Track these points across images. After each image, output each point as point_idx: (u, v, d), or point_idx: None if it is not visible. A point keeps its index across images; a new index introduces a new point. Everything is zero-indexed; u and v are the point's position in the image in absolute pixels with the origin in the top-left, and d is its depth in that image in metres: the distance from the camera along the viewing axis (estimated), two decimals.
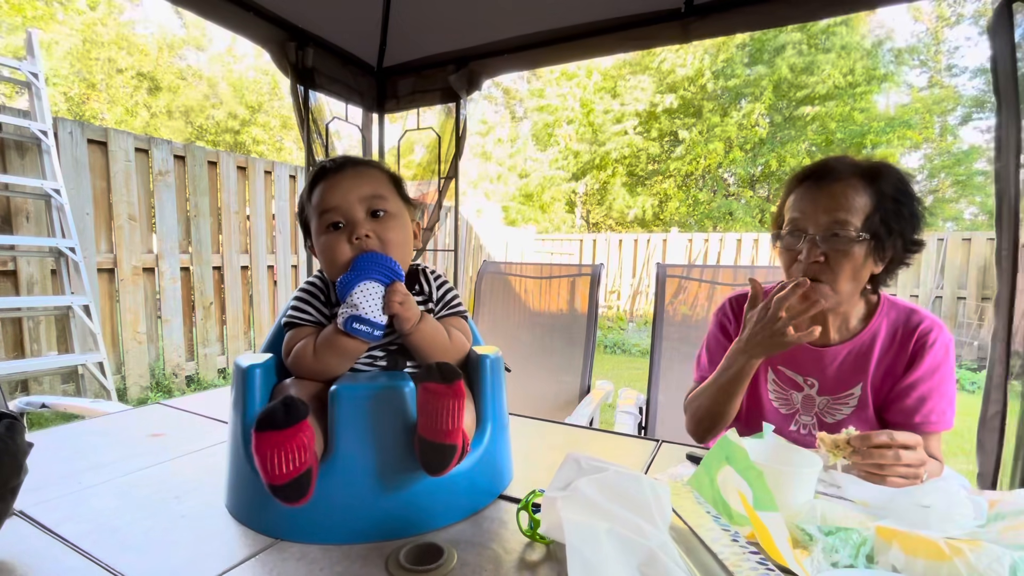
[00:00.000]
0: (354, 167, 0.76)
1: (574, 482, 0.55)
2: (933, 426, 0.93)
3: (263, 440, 0.54)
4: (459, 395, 0.58)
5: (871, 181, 0.91)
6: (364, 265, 0.69)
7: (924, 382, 0.94)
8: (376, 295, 0.67)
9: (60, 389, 3.23)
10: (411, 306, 0.70)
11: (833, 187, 0.92)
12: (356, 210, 0.73)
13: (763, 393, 1.08)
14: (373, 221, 0.73)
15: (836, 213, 0.90)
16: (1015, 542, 0.54)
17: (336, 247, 0.72)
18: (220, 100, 11.23)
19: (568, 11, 1.64)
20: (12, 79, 3.19)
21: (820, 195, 0.93)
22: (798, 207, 0.95)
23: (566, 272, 2.23)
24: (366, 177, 0.76)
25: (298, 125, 1.83)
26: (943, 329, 0.96)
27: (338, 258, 0.72)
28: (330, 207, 0.73)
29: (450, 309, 0.80)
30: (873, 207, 0.90)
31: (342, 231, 0.73)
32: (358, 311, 0.66)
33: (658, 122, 11.79)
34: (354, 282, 0.67)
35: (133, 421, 1.06)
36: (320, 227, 0.74)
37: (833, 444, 0.76)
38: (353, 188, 0.73)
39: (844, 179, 0.91)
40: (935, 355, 0.95)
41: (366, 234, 0.72)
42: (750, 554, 0.50)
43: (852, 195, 0.90)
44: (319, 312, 0.76)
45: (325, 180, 0.75)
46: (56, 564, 0.57)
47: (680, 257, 7.62)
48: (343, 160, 0.77)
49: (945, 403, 0.94)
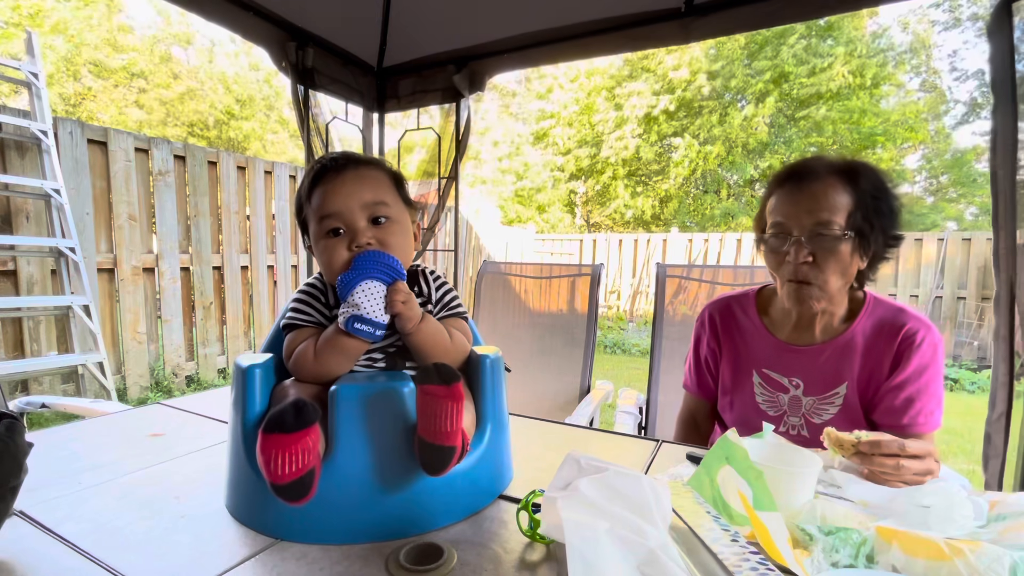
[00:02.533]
0: (355, 168, 0.73)
1: (574, 482, 0.55)
2: (921, 427, 0.93)
3: (269, 442, 0.54)
4: (458, 397, 0.58)
5: (850, 179, 0.92)
6: (365, 264, 0.67)
7: (911, 383, 0.94)
8: (378, 294, 0.66)
9: (60, 389, 3.23)
10: (414, 305, 0.69)
11: (813, 187, 0.93)
12: (357, 217, 0.71)
13: (751, 396, 1.09)
14: (374, 227, 0.72)
15: (819, 213, 0.91)
16: (1015, 543, 0.54)
17: (336, 254, 0.71)
18: (211, 95, 11.20)
19: (568, 10, 1.64)
20: (12, 79, 3.18)
21: (801, 196, 0.93)
22: (780, 210, 0.96)
23: (566, 272, 2.23)
24: (368, 181, 0.73)
25: (298, 125, 1.83)
26: (931, 329, 0.96)
27: (337, 265, 0.71)
28: (330, 213, 0.71)
29: (450, 310, 0.79)
30: (854, 205, 0.91)
31: (342, 237, 0.71)
32: (359, 311, 0.65)
33: (657, 124, 11.80)
34: (355, 281, 0.66)
35: (133, 421, 1.06)
36: (319, 231, 0.72)
37: (837, 442, 0.76)
38: (354, 193, 0.71)
39: (823, 179, 0.92)
40: (922, 355, 0.94)
41: (367, 242, 0.71)
42: (750, 554, 0.50)
43: (833, 194, 0.91)
44: (319, 313, 0.75)
45: (325, 182, 0.72)
46: (56, 564, 0.57)
47: (680, 257, 7.62)
48: (344, 159, 0.74)
49: (933, 404, 0.94)
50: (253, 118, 11.83)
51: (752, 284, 1.86)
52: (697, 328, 1.20)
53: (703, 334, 1.18)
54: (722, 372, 1.15)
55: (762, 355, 1.08)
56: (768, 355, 1.07)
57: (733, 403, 1.12)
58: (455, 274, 4.08)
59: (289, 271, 4.66)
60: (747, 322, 1.12)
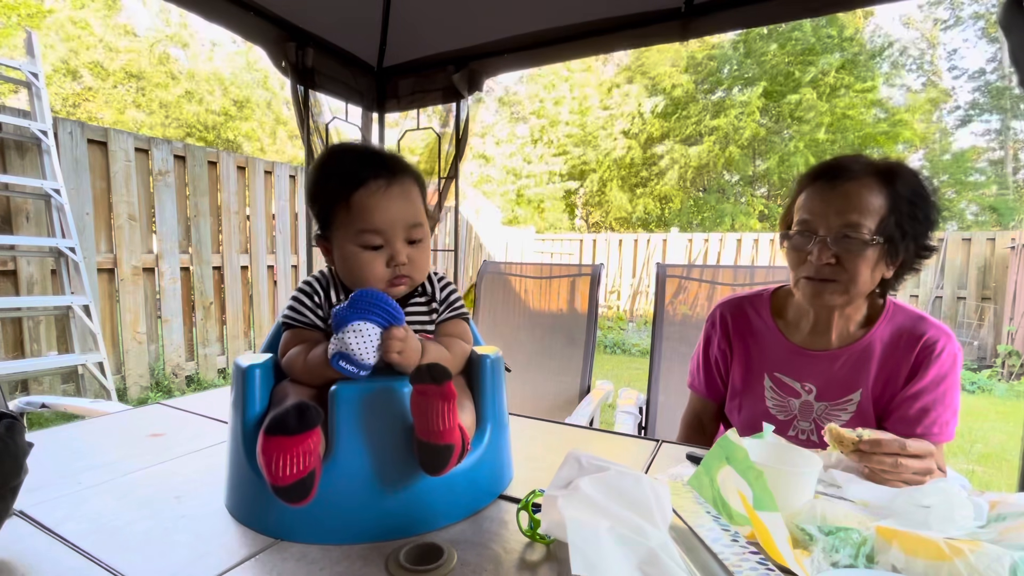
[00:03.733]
0: (401, 184, 0.72)
1: (575, 480, 0.55)
2: (934, 437, 0.91)
3: (271, 444, 0.54)
4: (449, 395, 0.58)
5: (887, 182, 0.87)
6: (362, 305, 0.65)
7: (928, 393, 0.92)
8: (371, 338, 0.64)
9: (60, 389, 3.23)
10: (410, 352, 0.67)
11: (847, 187, 0.88)
12: (399, 237, 0.71)
13: (761, 400, 1.06)
14: (409, 247, 0.73)
15: (849, 215, 0.86)
16: (1015, 543, 0.54)
17: (373, 268, 0.71)
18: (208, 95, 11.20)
19: (568, 10, 1.64)
20: (12, 79, 3.18)
21: (833, 195, 0.89)
22: (809, 207, 0.91)
23: (566, 272, 2.23)
24: (412, 199, 0.73)
25: (298, 125, 1.83)
26: (951, 339, 0.93)
27: (371, 278, 0.71)
28: (373, 229, 0.70)
29: (453, 311, 0.80)
30: (888, 209, 0.86)
31: (380, 253, 0.71)
32: (347, 350, 0.63)
33: (649, 124, 11.81)
34: (349, 320, 0.64)
35: (133, 421, 1.06)
36: (354, 240, 0.71)
37: (838, 438, 0.75)
38: (401, 214, 0.71)
39: (859, 179, 0.88)
40: (941, 365, 0.91)
41: (405, 261, 0.72)
42: (750, 554, 0.50)
43: (867, 196, 0.86)
44: (313, 314, 0.75)
45: (371, 193, 0.70)
46: (56, 564, 0.57)
47: (680, 257, 7.62)
48: (387, 169, 0.71)
49: (949, 414, 0.92)
50: (251, 119, 11.83)
51: (752, 284, 1.86)
52: (707, 328, 1.16)
53: (714, 334, 1.14)
54: (732, 374, 1.12)
55: (775, 359, 1.04)
56: (781, 359, 1.03)
57: (742, 406, 1.09)
58: (455, 274, 4.08)
59: (289, 271, 4.66)
60: (760, 324, 1.08)
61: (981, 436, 3.50)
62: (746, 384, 1.09)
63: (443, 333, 0.79)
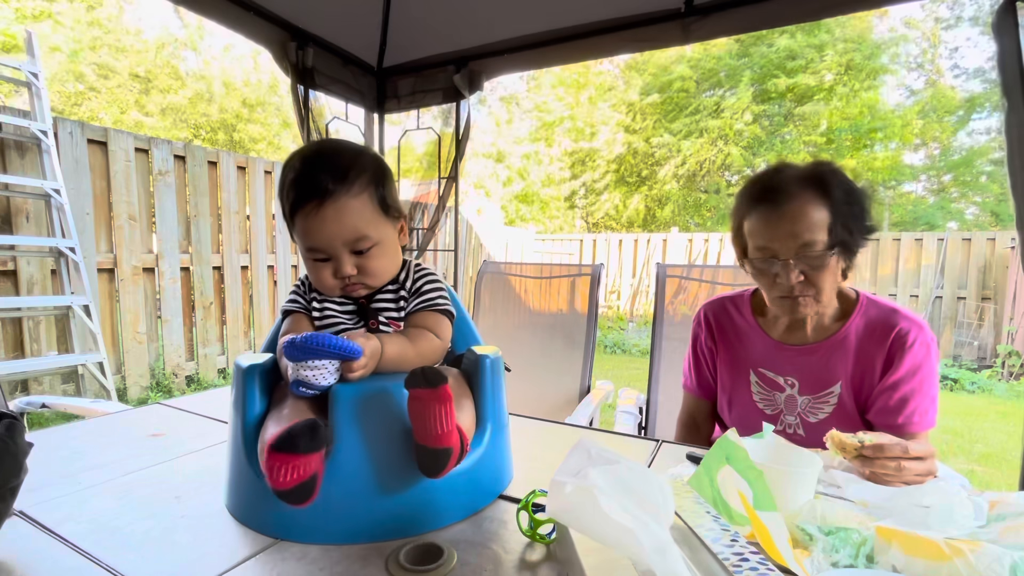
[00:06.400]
0: (334, 202, 0.69)
1: (584, 470, 0.55)
2: (916, 426, 0.94)
3: (276, 458, 0.54)
4: (445, 398, 0.58)
5: (823, 192, 0.91)
6: (313, 346, 0.61)
7: (905, 383, 0.95)
8: (326, 370, 0.63)
9: (60, 389, 3.23)
10: (373, 367, 0.67)
11: (790, 209, 0.91)
12: (341, 251, 0.72)
13: (748, 396, 1.10)
14: (357, 256, 0.73)
15: (802, 236, 0.91)
16: (1015, 543, 0.54)
17: (322, 276, 0.74)
18: (214, 98, 11.20)
19: (568, 11, 1.64)
20: (12, 79, 3.18)
21: (780, 220, 0.92)
22: (762, 234, 0.95)
23: (566, 272, 2.23)
24: (348, 215, 0.70)
25: (298, 125, 1.83)
26: (923, 328, 0.96)
27: (324, 286, 0.75)
28: (312, 247, 0.72)
29: (425, 303, 0.77)
30: (832, 216, 0.91)
31: (327, 263, 0.73)
32: (304, 379, 0.62)
33: (648, 123, 11.81)
34: (301, 359, 0.62)
35: (133, 421, 1.06)
36: (304, 253, 0.74)
37: (840, 444, 0.76)
38: (335, 233, 0.70)
39: (798, 197, 0.91)
40: (915, 355, 0.95)
41: (350, 272, 0.72)
42: (750, 554, 0.50)
43: (811, 212, 0.91)
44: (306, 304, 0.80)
45: (305, 214, 0.70)
46: (56, 564, 0.57)
47: (680, 257, 7.61)
48: (319, 191, 0.68)
49: (927, 403, 0.95)
50: (259, 121, 11.83)
51: (752, 284, 1.86)
52: (695, 328, 1.21)
53: (700, 333, 1.19)
54: (720, 371, 1.17)
55: (758, 354, 1.09)
56: (763, 354, 1.08)
57: (732, 403, 1.14)
58: (455, 274, 4.08)
59: (289, 271, 4.66)
60: (742, 322, 1.13)
61: (981, 436, 3.50)
62: (733, 381, 1.13)
63: (411, 324, 0.77)
